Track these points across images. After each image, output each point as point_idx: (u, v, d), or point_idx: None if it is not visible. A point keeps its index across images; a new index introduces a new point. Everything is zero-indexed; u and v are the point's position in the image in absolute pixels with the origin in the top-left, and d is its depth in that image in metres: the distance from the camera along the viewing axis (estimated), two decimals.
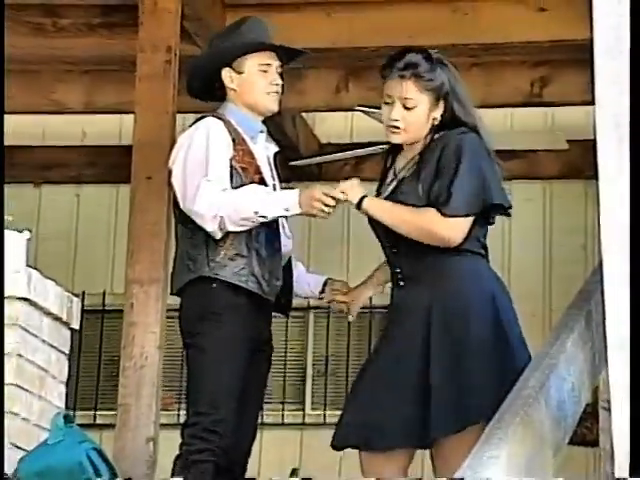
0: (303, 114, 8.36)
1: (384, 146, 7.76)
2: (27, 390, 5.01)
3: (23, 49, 7.60)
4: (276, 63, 5.18)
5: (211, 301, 5.03)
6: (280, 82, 5.18)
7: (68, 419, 3.99)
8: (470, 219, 4.57)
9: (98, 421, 5.98)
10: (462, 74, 7.69)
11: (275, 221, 5.10)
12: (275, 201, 5.15)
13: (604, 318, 3.37)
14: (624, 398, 3.28)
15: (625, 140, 3.38)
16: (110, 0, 7.00)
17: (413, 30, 7.08)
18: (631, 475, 3.22)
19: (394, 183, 4.77)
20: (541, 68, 7.71)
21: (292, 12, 7.18)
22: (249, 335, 5.15)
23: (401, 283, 4.71)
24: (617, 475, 3.30)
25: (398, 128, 4.67)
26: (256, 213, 5.00)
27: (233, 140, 5.12)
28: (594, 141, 3.46)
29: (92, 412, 5.71)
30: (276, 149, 5.42)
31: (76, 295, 5.38)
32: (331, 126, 8.59)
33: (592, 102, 3.48)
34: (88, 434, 4.79)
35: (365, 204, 4.67)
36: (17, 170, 9.16)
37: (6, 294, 4.95)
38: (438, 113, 4.71)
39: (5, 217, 5.19)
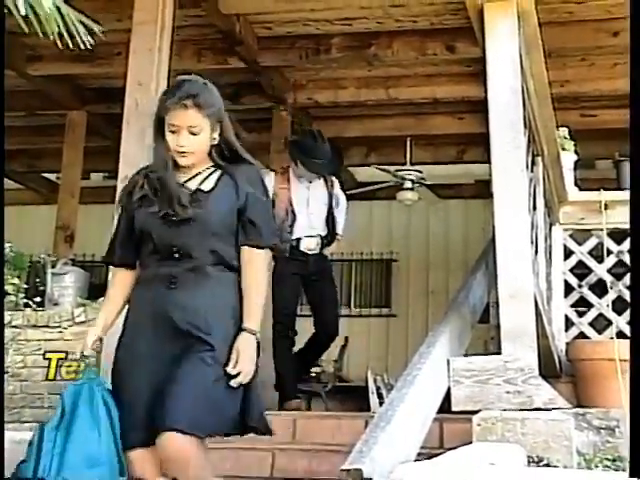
0: (349, 168, 8.25)
1: (389, 183, 7.81)
2: None
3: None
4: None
5: None
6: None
7: None
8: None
9: None
10: (422, 150, 7.72)
11: None
12: None
13: (495, 265, 3.30)
14: (507, 305, 3.20)
15: (511, 182, 3.29)
16: None
17: (397, 128, 7.19)
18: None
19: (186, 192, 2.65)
20: (461, 145, 7.62)
21: (340, 120, 7.15)
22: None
23: (172, 286, 2.56)
24: (502, 346, 3.12)
25: (185, 152, 2.64)
26: None
27: None
28: (489, 180, 3.40)
29: None
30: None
31: None
32: (362, 173, 8.51)
33: (488, 162, 3.39)
34: None
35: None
36: None
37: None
38: (217, 134, 2.68)
39: None
